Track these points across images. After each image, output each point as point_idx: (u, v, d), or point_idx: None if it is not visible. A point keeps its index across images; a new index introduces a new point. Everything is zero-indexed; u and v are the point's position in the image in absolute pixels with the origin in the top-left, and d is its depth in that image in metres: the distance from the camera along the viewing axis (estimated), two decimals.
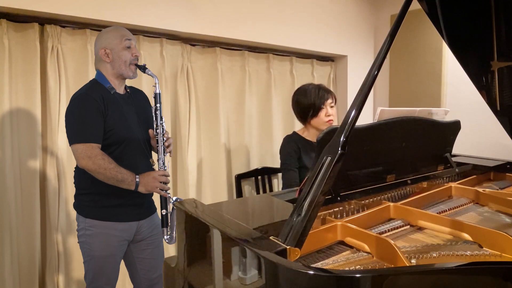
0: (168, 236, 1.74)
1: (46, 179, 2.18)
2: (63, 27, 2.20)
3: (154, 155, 1.85)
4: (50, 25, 2.14)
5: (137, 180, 1.65)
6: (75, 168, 1.78)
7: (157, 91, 1.76)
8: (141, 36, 2.45)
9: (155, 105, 1.75)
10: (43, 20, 2.14)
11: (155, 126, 1.76)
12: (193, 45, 2.72)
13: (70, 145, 1.64)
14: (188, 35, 2.61)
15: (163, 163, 1.74)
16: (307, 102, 2.12)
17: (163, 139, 1.75)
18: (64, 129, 2.18)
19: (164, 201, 1.72)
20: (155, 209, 1.91)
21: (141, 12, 2.32)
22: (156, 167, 1.78)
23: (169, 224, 1.73)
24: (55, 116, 2.18)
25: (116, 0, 2.22)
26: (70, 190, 2.22)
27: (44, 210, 2.21)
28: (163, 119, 1.77)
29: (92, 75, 2.28)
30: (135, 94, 1.88)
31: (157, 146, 1.75)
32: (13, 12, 2.02)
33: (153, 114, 1.76)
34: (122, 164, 1.65)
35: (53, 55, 2.16)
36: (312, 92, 2.12)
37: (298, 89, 2.21)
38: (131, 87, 1.89)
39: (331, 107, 2.13)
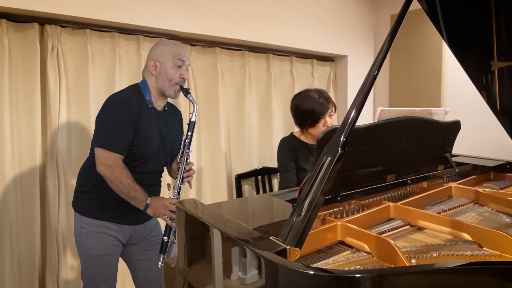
0: (161, 264, 1.68)
1: (46, 179, 2.18)
2: (63, 27, 2.20)
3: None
4: (50, 25, 2.14)
5: (148, 202, 1.63)
6: (82, 164, 1.79)
7: (193, 119, 1.74)
8: (141, 36, 2.45)
9: (187, 132, 1.74)
10: (43, 20, 2.14)
11: (180, 153, 1.74)
12: (193, 45, 2.72)
13: (93, 146, 1.62)
14: (188, 35, 2.61)
15: (178, 192, 1.71)
16: (306, 110, 2.09)
17: (184, 168, 1.73)
18: (65, 129, 2.21)
19: (169, 229, 1.68)
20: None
21: (141, 12, 2.32)
22: (171, 193, 1.74)
23: (166, 252, 1.68)
24: (55, 116, 2.18)
25: (116, 0, 2.22)
26: (70, 190, 2.22)
27: (44, 210, 2.20)
28: (190, 149, 1.75)
29: (92, 75, 2.29)
30: (173, 113, 1.86)
31: (177, 173, 1.74)
32: (13, 12, 2.02)
33: (183, 141, 1.74)
34: (137, 180, 1.63)
35: (53, 55, 2.16)
36: (312, 100, 2.08)
37: (299, 94, 2.18)
38: (169, 105, 1.86)
39: (330, 116, 2.11)
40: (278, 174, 2.82)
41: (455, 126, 1.81)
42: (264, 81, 3.12)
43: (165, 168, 1.88)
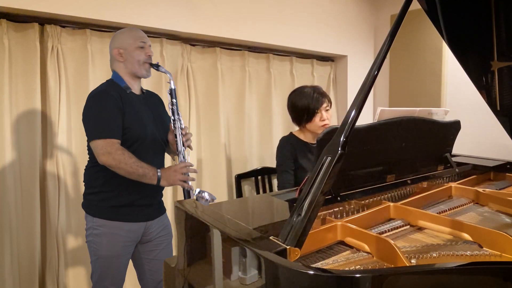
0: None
1: (46, 179, 2.18)
2: (63, 27, 2.20)
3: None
4: (50, 25, 2.14)
5: (158, 174, 1.64)
6: (85, 167, 1.79)
7: (172, 87, 1.79)
8: None
9: (171, 100, 1.77)
10: (43, 20, 2.13)
11: (172, 120, 1.77)
12: (193, 45, 2.72)
13: (89, 142, 1.64)
14: (188, 35, 2.61)
15: (183, 157, 1.74)
16: (301, 106, 2.09)
17: (181, 134, 1.76)
18: (64, 129, 2.21)
19: (187, 194, 1.71)
20: (165, 210, 1.92)
21: (141, 12, 2.32)
22: (176, 161, 1.77)
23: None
24: (55, 116, 2.18)
25: (116, 0, 2.22)
26: (70, 190, 2.22)
27: (44, 210, 2.20)
28: (180, 114, 1.78)
29: (92, 75, 2.29)
30: (151, 97, 1.90)
31: (176, 140, 1.75)
32: (13, 12, 2.02)
33: (170, 109, 1.77)
34: None
35: (53, 55, 2.16)
36: (307, 95, 2.10)
37: (294, 91, 2.19)
38: (147, 91, 1.90)
39: (326, 110, 2.11)
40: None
41: (455, 126, 1.81)
42: (264, 81, 3.12)
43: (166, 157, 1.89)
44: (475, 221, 1.34)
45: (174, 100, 1.77)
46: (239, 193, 2.74)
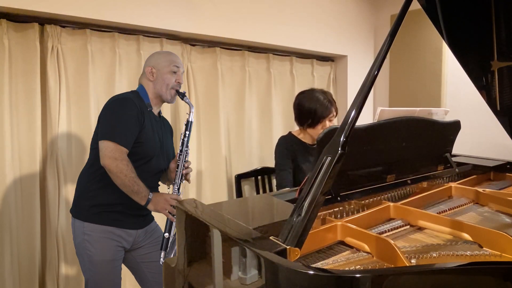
0: (163, 260, 1.69)
1: (46, 179, 2.18)
2: (63, 27, 2.20)
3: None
4: (50, 25, 2.14)
5: (149, 197, 1.65)
6: (83, 169, 1.79)
7: (190, 119, 1.81)
8: (141, 36, 2.45)
9: (185, 131, 1.79)
10: (43, 20, 2.14)
11: (179, 151, 1.79)
12: (193, 45, 2.72)
13: (100, 140, 1.63)
14: (188, 35, 2.61)
15: (178, 189, 1.76)
16: (308, 109, 2.09)
17: (183, 166, 1.78)
18: (64, 130, 2.21)
19: (169, 224, 1.71)
20: (153, 218, 1.92)
21: (141, 12, 2.32)
22: (170, 190, 1.79)
23: (168, 249, 1.70)
24: (55, 116, 2.18)
25: (116, 0, 2.22)
26: (70, 190, 2.22)
27: (44, 210, 2.20)
28: (189, 148, 1.81)
29: (92, 75, 2.29)
30: (164, 123, 1.92)
31: (177, 171, 1.77)
32: (13, 12, 2.02)
33: (181, 139, 1.79)
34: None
35: (53, 55, 2.16)
36: (317, 100, 2.09)
37: (304, 92, 2.18)
38: (162, 116, 1.93)
39: (330, 120, 2.11)
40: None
41: (455, 126, 1.81)
42: (264, 81, 3.12)
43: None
44: (475, 221, 1.34)
45: (187, 132, 1.79)
46: (239, 193, 2.74)
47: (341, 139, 0.96)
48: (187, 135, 1.79)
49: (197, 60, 2.75)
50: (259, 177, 2.81)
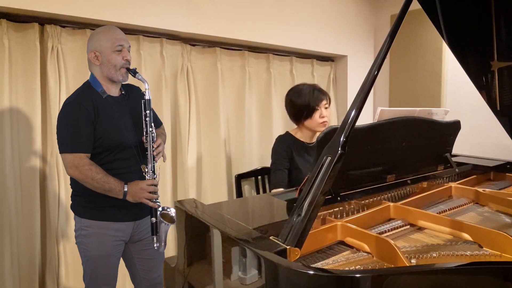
0: (157, 244, 1.70)
1: (46, 179, 2.18)
2: (63, 27, 2.20)
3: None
4: (50, 25, 2.14)
5: (125, 190, 1.63)
6: None
7: (147, 97, 1.67)
8: (141, 36, 2.45)
9: (144, 111, 1.68)
10: (43, 20, 2.13)
11: (144, 133, 1.69)
12: (193, 45, 2.72)
13: (60, 153, 1.64)
14: (188, 35, 2.61)
15: (153, 171, 1.70)
16: (301, 103, 2.09)
17: (152, 147, 1.70)
18: None
19: (153, 210, 1.68)
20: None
21: (141, 12, 2.32)
22: (147, 175, 1.71)
23: (158, 232, 1.69)
24: (55, 116, 2.17)
25: (116, 0, 2.22)
26: (70, 190, 2.21)
27: (44, 210, 2.20)
28: (153, 127, 1.70)
29: None
30: (131, 94, 1.83)
31: (147, 153, 1.70)
32: (13, 12, 2.02)
33: (143, 121, 1.69)
34: (114, 171, 1.64)
35: (53, 55, 2.16)
36: (306, 93, 2.09)
37: (292, 89, 2.19)
38: (127, 85, 1.84)
39: (326, 108, 2.11)
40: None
41: (455, 126, 1.81)
42: (264, 81, 3.12)
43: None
44: (475, 221, 1.34)
45: (147, 112, 1.67)
46: (239, 193, 2.73)
47: (341, 139, 0.96)
48: (147, 114, 1.67)
49: (197, 60, 2.75)
50: (259, 177, 2.80)
